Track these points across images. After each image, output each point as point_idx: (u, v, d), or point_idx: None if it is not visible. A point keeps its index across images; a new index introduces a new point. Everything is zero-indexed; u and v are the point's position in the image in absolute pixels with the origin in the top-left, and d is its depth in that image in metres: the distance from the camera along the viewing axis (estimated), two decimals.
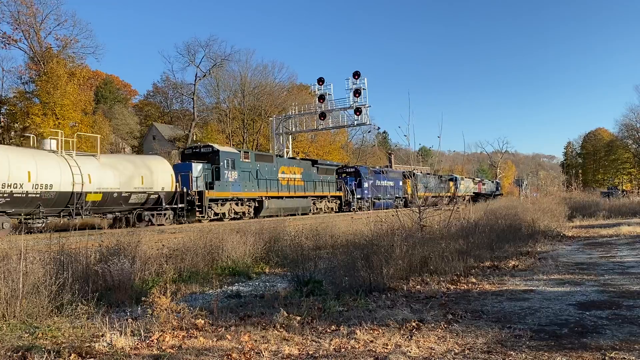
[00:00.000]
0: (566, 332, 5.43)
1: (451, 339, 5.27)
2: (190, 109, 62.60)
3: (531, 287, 8.11)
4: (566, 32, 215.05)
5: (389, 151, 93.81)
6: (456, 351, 4.89)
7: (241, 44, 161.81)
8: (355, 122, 43.17)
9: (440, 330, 5.63)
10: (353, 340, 5.27)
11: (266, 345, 5.17)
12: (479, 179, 79.02)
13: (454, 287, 8.25)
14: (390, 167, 68.02)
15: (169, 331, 5.70)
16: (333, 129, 55.35)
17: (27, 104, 42.91)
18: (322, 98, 42.72)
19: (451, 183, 54.42)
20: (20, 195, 17.92)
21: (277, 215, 27.36)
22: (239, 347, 5.12)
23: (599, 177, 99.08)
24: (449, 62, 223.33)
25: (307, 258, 9.25)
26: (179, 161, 29.45)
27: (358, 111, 41.31)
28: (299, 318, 6.11)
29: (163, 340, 5.40)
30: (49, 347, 5.10)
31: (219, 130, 62.71)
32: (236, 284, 9.88)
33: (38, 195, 18.62)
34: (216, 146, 28.42)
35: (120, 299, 7.93)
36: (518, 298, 7.32)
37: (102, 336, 5.55)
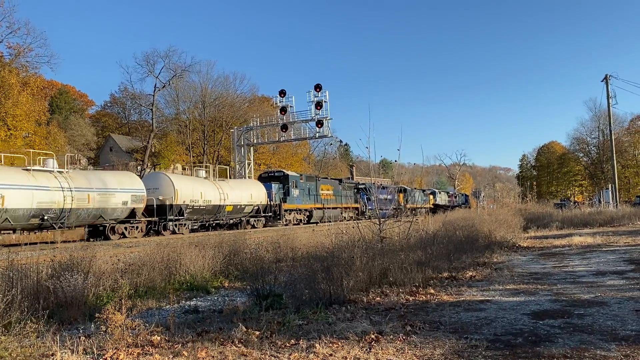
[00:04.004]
0: (520, 342, 5.55)
1: (409, 351, 5.31)
2: (148, 120, 61.48)
3: (487, 298, 8.26)
4: (520, 49, 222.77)
5: (350, 163, 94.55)
6: None
7: (202, 55, 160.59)
8: (317, 134, 43.42)
9: (398, 342, 5.66)
10: (312, 354, 5.24)
11: None
12: (452, 193, 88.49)
13: (413, 298, 8.32)
14: (352, 179, 68.59)
15: (124, 348, 5.53)
16: (295, 141, 55.42)
17: None
18: (283, 110, 42.80)
19: (431, 196, 67.12)
20: (197, 207, 28.61)
21: (321, 222, 37.76)
22: None
23: (552, 189, 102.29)
24: (408, 75, 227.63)
25: (267, 271, 9.16)
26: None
27: (319, 123, 41.57)
28: (257, 333, 6.04)
29: (117, 358, 5.23)
30: None
31: (178, 142, 61.85)
32: (194, 298, 9.69)
33: (204, 207, 29.25)
34: (286, 171, 40.38)
35: (73, 316, 7.65)
36: (475, 308, 7.44)
37: (52, 355, 5.33)
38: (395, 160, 14.46)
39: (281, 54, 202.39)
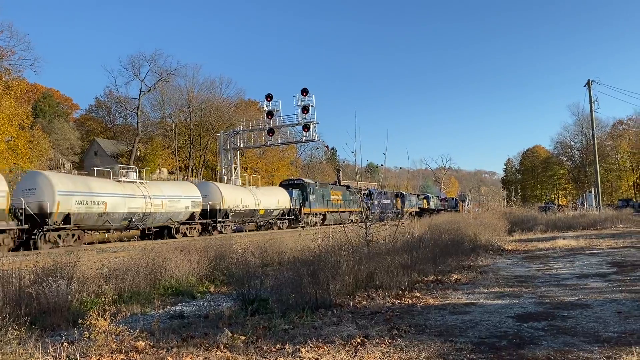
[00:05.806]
0: (505, 344, 5.59)
1: (395, 354, 5.32)
2: (134, 124, 61.05)
3: (473, 301, 8.31)
4: (505, 53, 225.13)
5: (337, 167, 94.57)
6: None
7: (188, 59, 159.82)
8: (304, 138, 43.36)
9: (384, 345, 5.67)
10: (298, 358, 5.23)
11: None
12: (443, 197, 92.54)
13: (399, 301, 8.34)
14: (339, 183, 68.74)
15: (107, 355, 5.47)
16: (282, 145, 55.38)
17: None
18: (270, 114, 42.71)
19: (425, 200, 74.69)
20: (238, 211, 33.96)
21: (333, 224, 39.50)
22: None
23: (537, 192, 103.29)
24: (395, 80, 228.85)
25: (253, 275, 9.12)
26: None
27: (306, 127, 41.53)
28: (243, 338, 6.01)
29: None
30: None
31: (164, 146, 61.48)
32: (179, 304, 9.62)
33: (243, 211, 34.50)
34: (304, 179, 45.69)
35: (56, 322, 7.56)
36: (460, 311, 7.48)
37: None
38: (382, 165, 14.59)
39: (268, 58, 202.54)
